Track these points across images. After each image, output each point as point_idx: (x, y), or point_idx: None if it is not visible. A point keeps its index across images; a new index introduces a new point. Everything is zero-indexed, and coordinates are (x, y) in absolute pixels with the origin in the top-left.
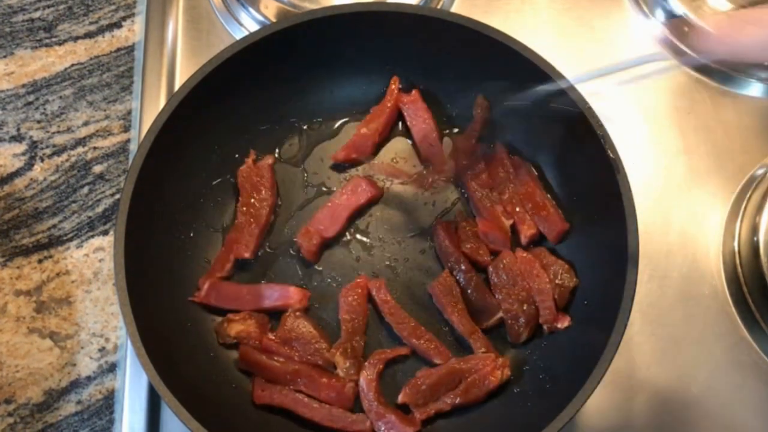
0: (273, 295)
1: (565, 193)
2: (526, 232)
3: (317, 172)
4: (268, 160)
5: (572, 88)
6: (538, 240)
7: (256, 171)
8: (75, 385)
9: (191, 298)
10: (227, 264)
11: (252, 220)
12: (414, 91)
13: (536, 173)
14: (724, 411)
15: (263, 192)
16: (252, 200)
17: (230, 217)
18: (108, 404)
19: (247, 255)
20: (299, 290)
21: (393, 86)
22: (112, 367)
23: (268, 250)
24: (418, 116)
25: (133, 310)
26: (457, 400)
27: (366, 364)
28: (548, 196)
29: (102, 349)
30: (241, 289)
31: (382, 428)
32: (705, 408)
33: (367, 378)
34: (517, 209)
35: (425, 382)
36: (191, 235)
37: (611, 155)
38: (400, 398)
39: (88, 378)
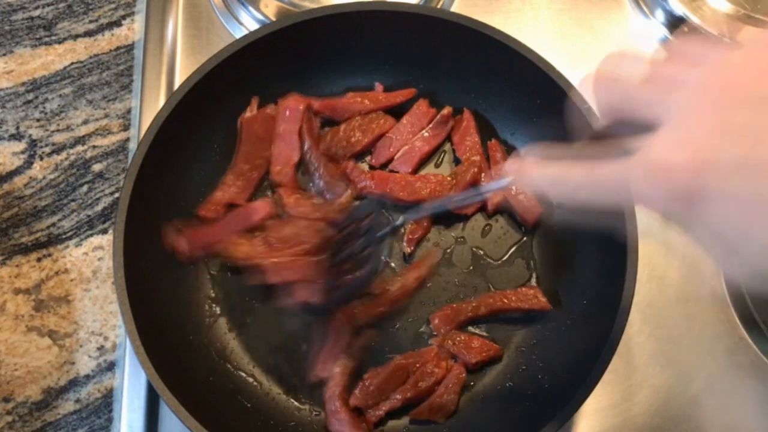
0: (240, 216)
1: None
2: (493, 200)
3: None
4: (270, 111)
5: (572, 87)
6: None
7: (259, 121)
8: (74, 383)
9: (170, 242)
10: (219, 207)
11: (252, 168)
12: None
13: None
14: (722, 411)
15: (265, 143)
16: (254, 148)
17: None
18: (107, 403)
19: (240, 201)
20: (263, 203)
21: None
22: (110, 366)
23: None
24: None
25: (132, 308)
26: (408, 395)
27: (342, 358)
28: None
29: (101, 348)
30: (212, 227)
31: (336, 425)
32: (704, 408)
33: (339, 372)
34: (482, 176)
35: (373, 383)
36: None
37: None
38: (351, 401)
39: (87, 376)
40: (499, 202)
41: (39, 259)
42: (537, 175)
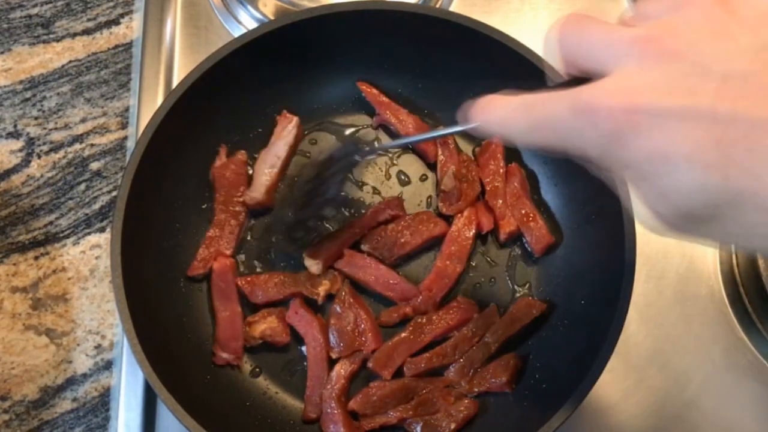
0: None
1: (561, 195)
2: (505, 229)
3: None
4: (241, 156)
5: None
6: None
7: (231, 168)
8: (71, 382)
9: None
10: (207, 264)
11: (231, 216)
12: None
13: (528, 185)
14: (720, 412)
15: (241, 188)
16: (230, 197)
17: None
18: (104, 401)
19: (227, 253)
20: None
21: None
22: (108, 365)
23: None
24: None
25: (130, 307)
26: (405, 416)
27: (343, 359)
28: (536, 209)
29: (98, 347)
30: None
31: (331, 427)
32: (701, 409)
33: (339, 373)
34: (499, 202)
35: (377, 394)
36: (188, 233)
37: None
38: (350, 404)
39: (84, 375)
40: (512, 231)
41: (36, 258)
42: (497, 114)
